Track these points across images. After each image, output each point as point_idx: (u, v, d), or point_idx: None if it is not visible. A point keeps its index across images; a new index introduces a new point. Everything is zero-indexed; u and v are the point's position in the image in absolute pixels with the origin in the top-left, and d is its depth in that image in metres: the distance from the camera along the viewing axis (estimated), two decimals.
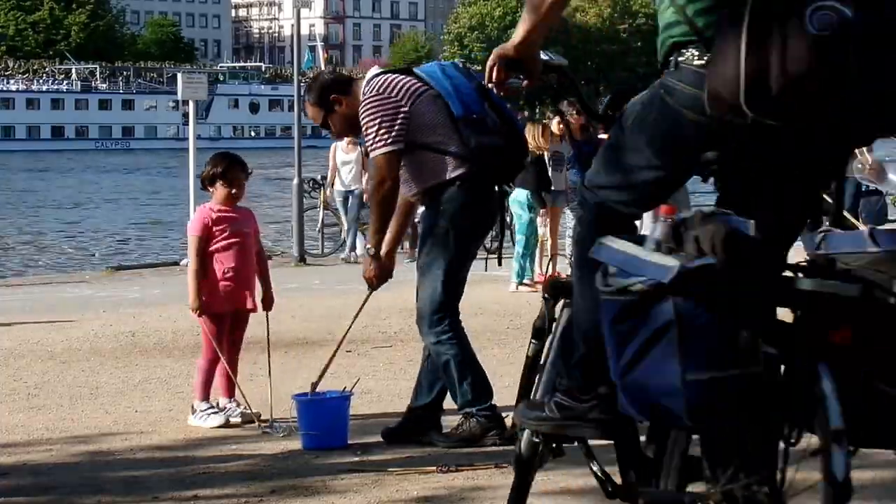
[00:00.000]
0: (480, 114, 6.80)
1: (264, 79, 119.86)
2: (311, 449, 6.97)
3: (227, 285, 7.76)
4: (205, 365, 7.79)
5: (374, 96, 6.82)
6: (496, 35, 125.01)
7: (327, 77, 7.32)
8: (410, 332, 11.33)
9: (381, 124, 6.76)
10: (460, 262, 7.01)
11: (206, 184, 7.86)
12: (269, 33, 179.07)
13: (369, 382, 8.80)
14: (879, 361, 3.53)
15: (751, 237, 3.49)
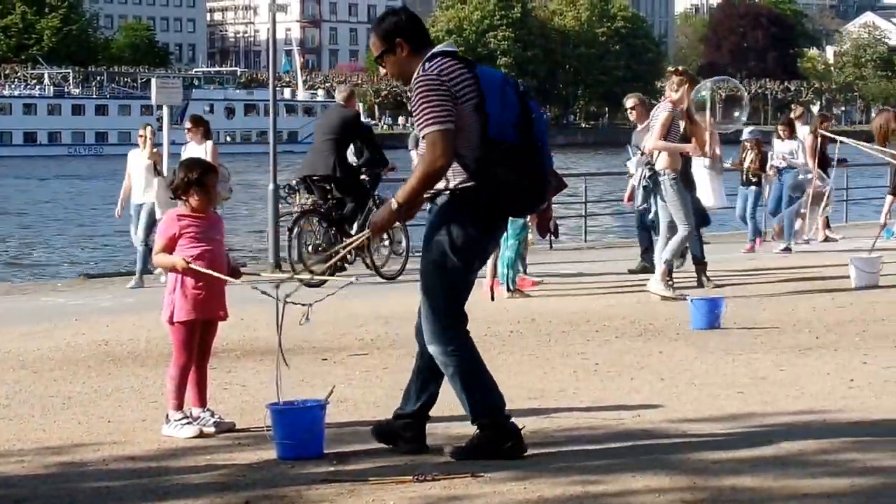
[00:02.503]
0: (514, 144, 6.66)
1: (240, 83, 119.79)
2: (285, 458, 6.90)
3: (198, 294, 7.69)
4: (176, 373, 7.72)
5: (433, 77, 6.67)
6: (474, 39, 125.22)
7: (404, 18, 6.96)
8: (387, 339, 11.30)
9: (434, 103, 6.63)
10: (462, 273, 6.88)
11: (179, 193, 7.76)
12: (244, 37, 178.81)
13: (345, 391, 8.73)
14: None
15: None
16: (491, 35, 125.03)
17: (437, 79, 6.66)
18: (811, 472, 6.36)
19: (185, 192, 7.71)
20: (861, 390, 8.55)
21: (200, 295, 7.69)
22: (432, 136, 6.62)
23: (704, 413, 7.87)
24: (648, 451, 6.89)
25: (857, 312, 12.38)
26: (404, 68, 6.88)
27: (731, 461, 6.61)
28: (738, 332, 11.22)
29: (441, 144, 6.61)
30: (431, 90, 6.64)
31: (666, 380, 9.04)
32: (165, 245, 7.69)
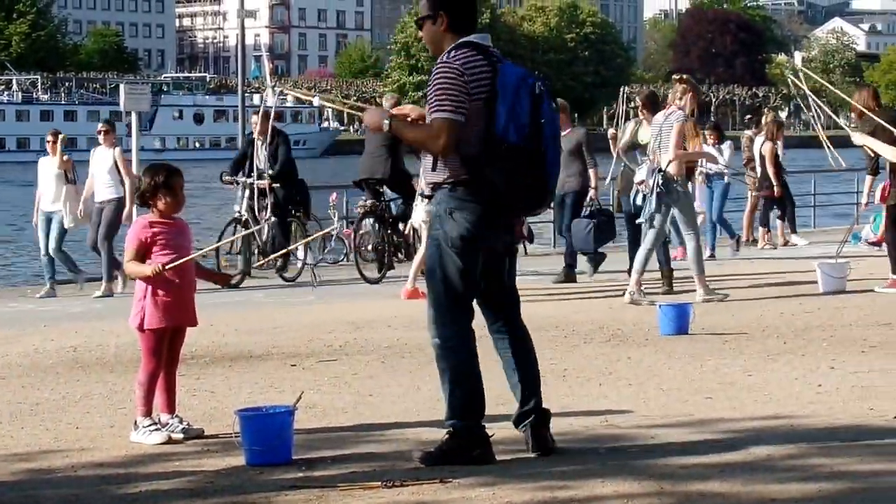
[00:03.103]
0: (515, 145, 6.67)
1: (209, 89, 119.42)
2: (254, 465, 6.89)
3: (168, 301, 7.67)
4: (145, 380, 7.69)
5: (456, 68, 6.72)
6: None
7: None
8: (356, 345, 11.30)
9: (451, 93, 6.70)
10: (458, 267, 6.83)
11: (147, 198, 7.73)
12: (213, 43, 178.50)
13: (314, 396, 8.73)
14: None
15: None
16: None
17: (459, 70, 6.72)
18: (779, 478, 6.38)
19: (153, 196, 7.68)
20: (828, 395, 8.59)
21: (171, 302, 7.67)
22: (440, 123, 6.71)
23: (673, 418, 7.89)
24: (617, 456, 6.91)
25: (824, 318, 12.43)
26: (437, 42, 6.95)
27: (700, 466, 6.63)
28: (706, 338, 11.25)
29: (446, 133, 6.69)
30: (450, 80, 6.71)
31: (634, 385, 9.07)
32: (136, 252, 7.66)
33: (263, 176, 17.44)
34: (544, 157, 6.75)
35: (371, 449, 7.25)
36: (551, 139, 6.78)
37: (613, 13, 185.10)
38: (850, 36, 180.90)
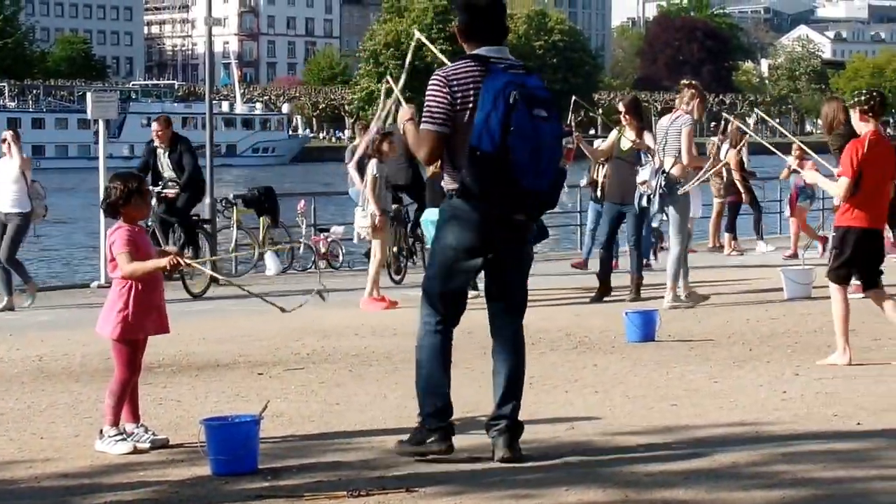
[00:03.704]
0: (486, 152, 6.78)
1: (177, 97, 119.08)
2: (220, 474, 6.88)
3: (147, 310, 7.67)
4: (118, 389, 7.66)
5: (441, 78, 6.99)
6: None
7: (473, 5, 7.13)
8: (323, 353, 11.29)
9: (435, 104, 6.95)
10: (444, 276, 7.05)
11: (120, 205, 7.69)
12: (182, 51, 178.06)
13: (280, 405, 8.72)
14: None
15: None
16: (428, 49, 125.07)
17: (444, 81, 6.97)
18: (743, 485, 6.41)
19: (126, 203, 7.66)
20: (793, 402, 8.63)
21: (149, 311, 7.68)
22: (423, 134, 7.02)
23: (638, 426, 7.91)
24: (582, 464, 6.92)
25: (789, 324, 12.49)
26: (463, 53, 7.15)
27: (664, 474, 6.66)
28: (672, 345, 11.29)
29: (428, 144, 7.00)
30: (435, 92, 6.97)
31: (600, 393, 9.09)
32: (132, 255, 7.62)
33: (168, 185, 17.16)
34: (513, 164, 6.78)
35: (337, 458, 7.25)
36: (523, 146, 6.79)
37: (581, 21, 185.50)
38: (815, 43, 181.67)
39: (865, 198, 10.11)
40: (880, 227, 10.42)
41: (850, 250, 10.15)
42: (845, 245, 10.19)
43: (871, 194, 10.12)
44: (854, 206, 10.13)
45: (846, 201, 10.15)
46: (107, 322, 7.65)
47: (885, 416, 8.03)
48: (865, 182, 10.07)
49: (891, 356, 10.50)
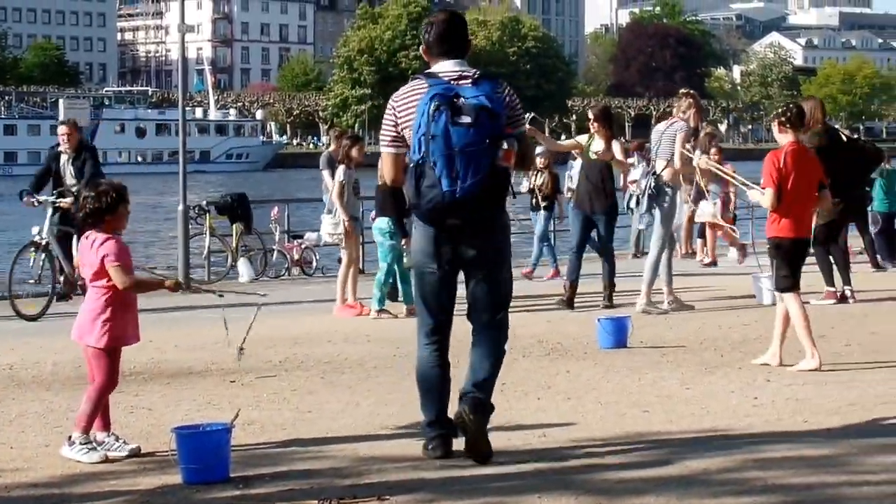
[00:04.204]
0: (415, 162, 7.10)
1: (151, 103, 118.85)
2: (191, 483, 6.85)
3: (130, 318, 7.72)
4: (97, 397, 7.64)
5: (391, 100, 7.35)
6: (385, 58, 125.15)
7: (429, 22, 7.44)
8: (295, 361, 11.27)
9: (385, 127, 7.38)
10: (419, 284, 7.40)
11: (102, 213, 7.65)
12: (155, 57, 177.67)
13: (252, 413, 8.70)
14: None
15: None
16: (402, 55, 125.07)
17: (391, 103, 7.31)
18: (714, 491, 6.42)
19: (113, 211, 7.65)
20: (764, 408, 8.65)
21: (132, 319, 7.73)
22: (382, 155, 7.42)
23: (610, 432, 7.93)
24: (554, 471, 6.93)
25: (761, 330, 12.50)
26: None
27: (636, 480, 6.66)
28: (645, 351, 11.31)
29: (385, 164, 7.40)
30: (386, 114, 7.36)
31: (573, 399, 9.09)
32: (128, 266, 7.66)
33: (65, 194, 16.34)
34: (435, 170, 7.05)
35: (309, 466, 7.23)
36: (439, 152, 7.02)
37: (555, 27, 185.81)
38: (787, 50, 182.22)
39: (789, 208, 10.41)
40: (806, 235, 10.70)
41: (789, 258, 10.45)
42: (781, 255, 10.48)
43: (794, 205, 10.42)
44: (780, 217, 10.42)
45: (772, 212, 10.44)
46: (90, 331, 7.63)
47: (854, 423, 8.06)
48: (788, 193, 10.37)
49: (862, 361, 10.53)
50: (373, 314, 14.33)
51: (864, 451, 7.26)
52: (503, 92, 7.24)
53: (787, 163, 10.34)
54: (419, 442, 7.46)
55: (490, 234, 7.29)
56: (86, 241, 7.73)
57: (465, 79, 7.19)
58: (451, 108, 7.03)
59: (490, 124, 7.07)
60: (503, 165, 7.13)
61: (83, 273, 7.83)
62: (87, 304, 7.74)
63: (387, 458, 7.34)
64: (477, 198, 7.08)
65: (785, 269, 10.45)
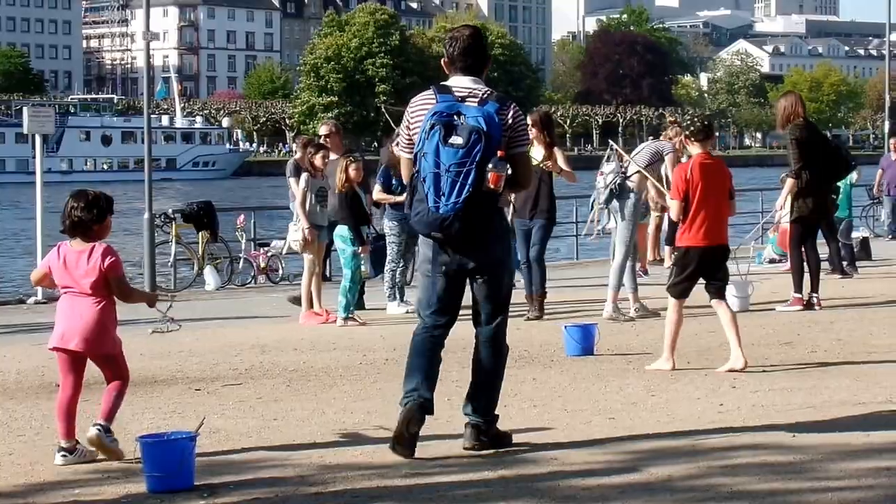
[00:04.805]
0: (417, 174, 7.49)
1: (117, 111, 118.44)
2: (155, 492, 6.83)
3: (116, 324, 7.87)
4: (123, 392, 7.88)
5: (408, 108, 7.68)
6: (352, 66, 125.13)
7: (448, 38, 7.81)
8: (261, 368, 11.24)
9: (402, 131, 7.72)
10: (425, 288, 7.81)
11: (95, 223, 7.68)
12: (121, 64, 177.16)
13: (217, 421, 8.67)
14: None
15: None
16: (369, 62, 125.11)
17: (407, 109, 7.66)
18: (679, 498, 6.44)
19: (101, 220, 7.71)
20: (730, 414, 8.67)
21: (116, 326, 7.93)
22: (400, 157, 7.82)
23: (576, 439, 7.93)
24: (519, 478, 6.93)
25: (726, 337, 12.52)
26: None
27: (601, 487, 6.68)
28: (611, 358, 11.33)
29: (402, 166, 7.78)
30: (403, 121, 7.68)
31: (539, 406, 9.10)
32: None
33: None
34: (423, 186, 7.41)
35: (275, 474, 7.22)
36: (427, 170, 7.38)
37: (522, 35, 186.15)
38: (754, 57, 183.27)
39: (699, 218, 10.67)
40: (719, 243, 10.87)
41: (690, 268, 10.72)
42: (685, 263, 10.74)
43: (704, 214, 10.67)
44: (690, 227, 10.70)
45: (682, 222, 10.72)
46: (102, 340, 7.73)
47: (819, 429, 8.08)
48: (697, 203, 10.65)
49: (827, 368, 10.57)
50: (339, 322, 14.31)
51: (827, 457, 7.29)
52: (507, 114, 7.50)
53: (693, 174, 10.67)
54: (386, 449, 7.46)
55: (484, 243, 7.55)
56: (75, 249, 7.71)
57: (473, 97, 7.48)
58: (445, 128, 7.35)
59: (481, 147, 7.33)
60: (489, 188, 7.35)
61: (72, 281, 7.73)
62: (87, 315, 7.70)
63: (353, 465, 7.33)
64: (460, 217, 7.35)
65: (680, 277, 10.77)
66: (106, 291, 7.69)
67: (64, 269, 7.73)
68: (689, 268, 10.70)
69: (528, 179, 7.94)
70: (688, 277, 10.73)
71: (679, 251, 10.84)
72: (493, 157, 7.31)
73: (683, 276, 10.73)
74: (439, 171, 7.32)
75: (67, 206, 7.72)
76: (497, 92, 7.63)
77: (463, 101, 7.45)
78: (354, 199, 14.51)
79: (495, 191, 7.39)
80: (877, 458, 7.25)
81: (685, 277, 10.73)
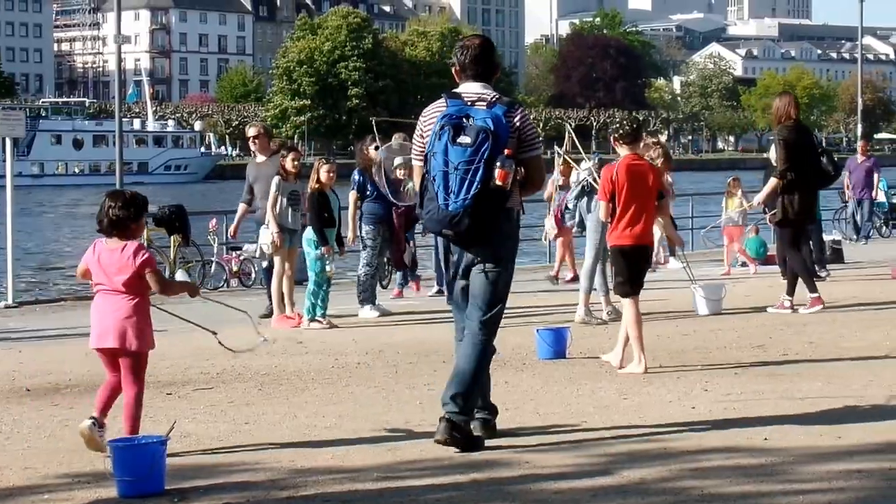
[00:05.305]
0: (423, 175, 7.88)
1: (88, 114, 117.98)
2: (126, 496, 6.81)
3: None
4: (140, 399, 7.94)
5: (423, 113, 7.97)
6: (325, 69, 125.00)
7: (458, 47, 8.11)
8: (233, 372, 11.21)
9: (415, 140, 8.04)
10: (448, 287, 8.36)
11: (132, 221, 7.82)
12: (93, 68, 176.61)
13: (188, 425, 8.64)
14: None
15: None
16: (342, 66, 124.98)
17: (420, 118, 7.97)
18: (651, 501, 6.44)
19: (137, 220, 7.85)
20: (702, 417, 8.67)
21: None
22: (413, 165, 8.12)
23: (547, 442, 7.93)
24: (491, 481, 6.92)
25: (699, 340, 12.58)
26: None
27: (573, 491, 6.67)
28: (583, 362, 11.33)
29: (416, 174, 8.02)
30: (416, 130, 8.00)
31: (511, 410, 9.07)
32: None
33: None
34: (433, 184, 7.69)
35: (246, 478, 7.20)
36: (437, 169, 7.67)
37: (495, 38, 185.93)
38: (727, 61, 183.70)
39: (625, 218, 10.97)
40: (642, 243, 11.09)
41: (624, 267, 11.01)
42: (619, 263, 11.07)
43: (630, 215, 10.97)
44: (616, 226, 11.02)
45: (611, 223, 11.06)
46: (138, 337, 7.83)
47: (790, 432, 8.10)
48: (622, 204, 10.96)
49: (798, 371, 10.60)
50: (305, 324, 14.29)
51: (799, 459, 7.31)
52: (514, 116, 7.78)
53: (619, 176, 10.96)
54: (357, 453, 7.44)
55: (491, 240, 7.81)
56: (109, 248, 7.84)
57: (482, 101, 7.77)
58: (454, 128, 7.65)
59: (488, 146, 7.59)
60: (497, 185, 7.59)
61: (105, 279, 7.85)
62: (120, 312, 7.81)
63: (324, 469, 7.32)
64: (469, 213, 7.61)
65: (622, 277, 11.01)
66: (139, 289, 7.81)
67: (98, 266, 7.86)
68: (627, 265, 11.00)
69: (541, 181, 8.29)
70: (629, 274, 10.99)
71: (612, 251, 11.19)
72: (501, 155, 7.60)
73: (625, 276, 10.96)
74: (448, 170, 7.62)
75: (105, 206, 7.90)
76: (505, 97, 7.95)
77: (472, 105, 7.76)
78: (322, 201, 14.48)
79: (503, 188, 7.64)
80: (848, 460, 7.27)
81: (627, 276, 10.96)
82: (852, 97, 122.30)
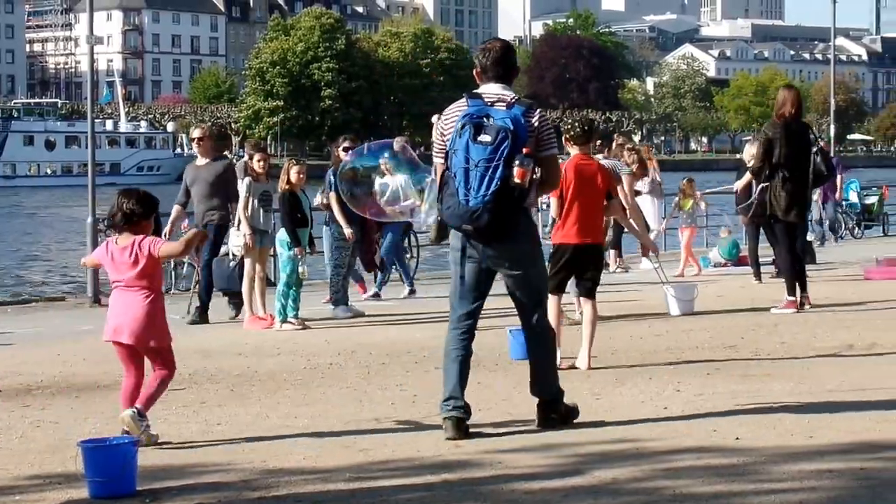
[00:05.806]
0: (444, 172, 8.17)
1: (60, 115, 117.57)
2: (97, 497, 6.79)
3: None
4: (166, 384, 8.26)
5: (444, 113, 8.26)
6: (298, 70, 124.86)
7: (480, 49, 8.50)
8: (205, 374, 11.19)
9: (435, 139, 8.32)
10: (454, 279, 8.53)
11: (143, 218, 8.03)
12: (65, 68, 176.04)
13: (161, 426, 8.60)
14: None
15: None
16: (315, 66, 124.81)
17: (439, 118, 8.25)
18: (623, 501, 6.45)
19: (148, 217, 8.08)
20: (674, 418, 8.69)
21: None
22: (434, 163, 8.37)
23: (519, 443, 7.94)
24: (462, 481, 6.92)
25: (671, 340, 12.60)
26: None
27: (544, 491, 6.67)
28: None
29: (437, 173, 8.26)
30: (435, 129, 8.30)
31: (483, 410, 9.07)
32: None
33: None
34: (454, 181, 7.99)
35: (217, 479, 7.18)
36: (458, 166, 7.97)
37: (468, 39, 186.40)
38: (700, 62, 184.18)
39: (571, 216, 11.11)
40: (590, 241, 11.22)
41: (560, 264, 11.16)
42: (557, 260, 11.17)
43: (577, 214, 11.10)
44: (563, 224, 11.16)
45: (558, 221, 11.21)
46: (154, 332, 8.09)
47: (762, 432, 8.12)
48: (569, 202, 11.10)
49: (770, 371, 10.62)
50: (276, 325, 14.28)
51: (770, 459, 7.33)
52: (532, 117, 8.09)
53: (567, 174, 11.04)
54: (329, 453, 7.44)
55: (512, 238, 8.12)
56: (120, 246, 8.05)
57: (502, 102, 8.08)
58: (474, 127, 7.94)
59: (508, 144, 7.89)
60: (516, 182, 7.86)
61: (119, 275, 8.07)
62: (136, 309, 8.04)
63: (296, 470, 7.31)
64: (488, 209, 7.91)
65: (554, 274, 11.06)
66: (152, 283, 8.02)
67: (112, 263, 8.08)
68: (560, 264, 11.14)
69: (558, 180, 8.64)
70: (558, 272, 11.12)
71: (554, 248, 11.27)
72: (519, 154, 7.86)
73: (554, 272, 11.02)
74: (469, 167, 7.90)
75: (118, 202, 8.07)
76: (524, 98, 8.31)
77: (492, 105, 8.06)
78: (293, 202, 14.47)
79: (521, 186, 7.89)
80: (819, 459, 7.29)
81: (555, 273, 11.05)
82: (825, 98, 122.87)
